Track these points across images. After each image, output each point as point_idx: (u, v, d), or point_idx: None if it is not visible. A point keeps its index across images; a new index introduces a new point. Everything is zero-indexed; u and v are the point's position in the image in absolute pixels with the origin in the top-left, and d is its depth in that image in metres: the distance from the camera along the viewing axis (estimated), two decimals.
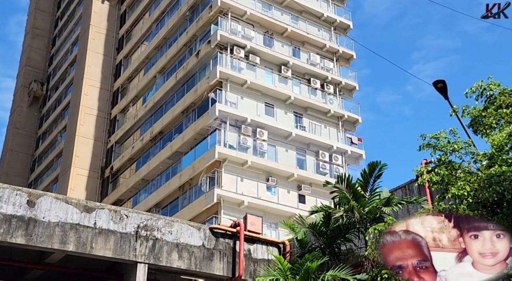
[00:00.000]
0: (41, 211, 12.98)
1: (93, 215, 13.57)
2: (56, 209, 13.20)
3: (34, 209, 12.94)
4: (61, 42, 47.20)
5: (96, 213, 13.67)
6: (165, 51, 33.18)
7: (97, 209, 13.76)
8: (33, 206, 12.97)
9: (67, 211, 13.31)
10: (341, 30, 32.85)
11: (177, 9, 32.91)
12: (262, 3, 30.60)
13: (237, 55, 28.26)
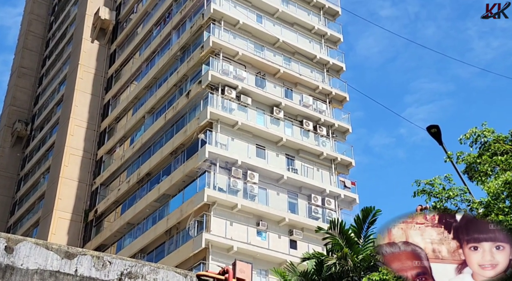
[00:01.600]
0: (19, 258, 12.67)
1: (75, 261, 13.27)
2: (35, 255, 12.90)
3: (12, 255, 12.63)
4: (48, 81, 47.49)
5: (77, 259, 13.38)
6: (155, 91, 33.45)
7: (78, 255, 13.47)
8: (11, 252, 12.67)
9: (47, 257, 13.01)
10: (334, 72, 33.41)
11: (168, 49, 33.41)
12: (255, 44, 31.18)
13: (228, 96, 28.53)
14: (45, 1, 53.82)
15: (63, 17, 48.96)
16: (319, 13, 34.98)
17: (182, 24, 33.03)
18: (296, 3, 34.22)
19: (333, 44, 34.46)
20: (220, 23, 30.25)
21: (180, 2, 34.08)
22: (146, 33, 36.88)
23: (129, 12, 40.49)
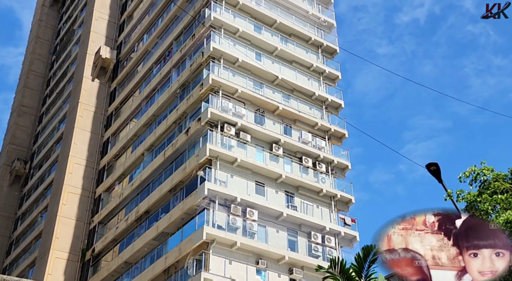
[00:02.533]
0: None
1: None
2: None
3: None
4: (48, 120, 47.95)
5: None
6: (154, 128, 33.78)
7: None
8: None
9: None
10: (332, 109, 33.82)
11: (167, 86, 33.94)
12: (254, 81, 31.69)
13: (227, 133, 28.80)
14: (47, 41, 54.92)
15: (64, 56, 49.88)
16: (317, 51, 35.71)
17: (182, 62, 33.68)
18: (294, 42, 34.98)
19: (332, 82, 35.03)
20: (219, 61, 30.85)
21: (180, 40, 34.85)
22: (146, 71, 37.54)
23: (130, 51, 41.33)
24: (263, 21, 34.33)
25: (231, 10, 33.30)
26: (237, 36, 32.46)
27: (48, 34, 55.32)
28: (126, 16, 44.34)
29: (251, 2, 34.27)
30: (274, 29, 34.51)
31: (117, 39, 43.79)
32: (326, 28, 36.90)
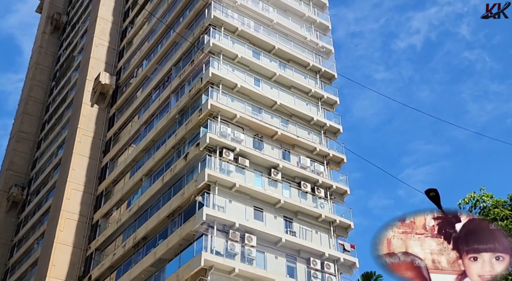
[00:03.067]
0: None
1: None
2: None
3: None
4: (47, 145, 48.09)
5: None
6: (153, 153, 33.90)
7: None
8: None
9: None
10: (331, 134, 34.02)
11: (166, 112, 34.20)
12: (252, 107, 31.96)
13: (226, 158, 28.90)
14: (47, 67, 55.49)
15: (64, 82, 50.35)
16: (315, 76, 36.11)
17: (181, 87, 34.02)
18: (293, 67, 35.40)
19: (330, 107, 35.32)
20: (218, 87, 31.17)
21: (179, 66, 35.27)
22: (145, 97, 37.87)
23: (129, 77, 41.77)
24: (262, 47, 34.81)
25: (230, 36, 33.80)
26: (236, 62, 32.88)
27: (48, 61, 55.92)
28: (125, 43, 44.95)
29: (249, 28, 34.81)
30: (272, 54, 34.97)
31: (116, 65, 44.29)
32: (324, 54, 37.41)
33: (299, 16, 38.24)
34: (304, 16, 38.33)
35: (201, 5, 34.97)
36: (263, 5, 36.84)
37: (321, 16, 39.46)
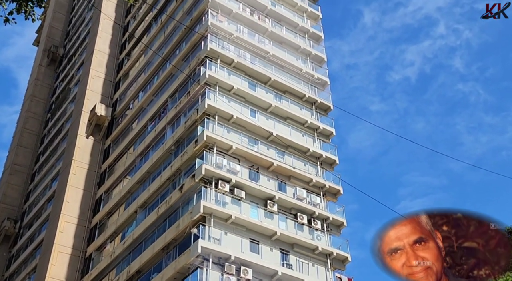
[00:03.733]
0: None
1: None
2: None
3: None
4: (41, 178, 47.96)
5: None
6: (148, 185, 33.86)
7: None
8: None
9: None
10: (327, 165, 34.13)
11: (162, 143, 34.33)
12: (248, 138, 32.14)
13: (222, 189, 28.88)
14: (43, 100, 55.83)
15: (59, 114, 50.59)
16: (311, 108, 36.46)
17: (177, 119, 34.26)
18: (289, 99, 35.78)
19: (326, 138, 35.55)
20: (214, 118, 31.41)
21: (175, 98, 35.60)
22: (141, 128, 38.06)
23: (125, 108, 42.05)
24: (258, 79, 35.25)
25: (226, 68, 34.26)
26: (232, 93, 33.23)
27: (44, 93, 56.32)
28: (122, 75, 45.42)
29: (246, 60, 35.31)
30: (268, 86, 35.38)
31: (112, 96, 44.64)
32: (320, 86, 37.88)
33: (294, 48, 38.87)
34: (299, 48, 38.96)
35: (198, 38, 35.55)
36: (259, 37, 37.47)
37: (316, 48, 40.12)
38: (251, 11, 38.43)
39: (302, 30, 40.42)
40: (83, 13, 58.15)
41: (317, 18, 42.08)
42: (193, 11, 38.05)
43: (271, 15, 39.33)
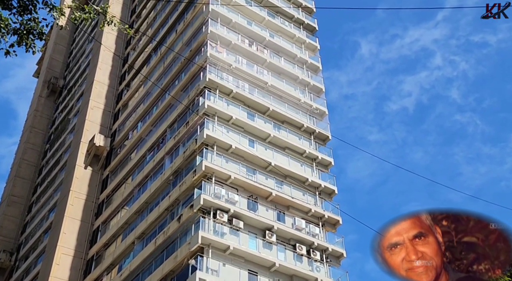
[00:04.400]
0: None
1: None
2: None
3: None
4: (38, 209, 47.91)
5: None
6: (146, 216, 33.85)
7: None
8: None
9: None
10: (326, 195, 34.20)
11: (160, 173, 34.47)
12: (247, 168, 32.30)
13: (220, 220, 28.88)
14: (42, 130, 56.25)
15: (58, 144, 50.89)
16: (310, 138, 36.75)
17: (176, 149, 34.49)
18: (287, 128, 36.11)
19: (325, 168, 35.71)
20: (213, 148, 31.64)
21: (174, 128, 35.93)
22: (139, 159, 38.26)
23: (124, 139, 42.35)
24: (256, 109, 35.64)
25: (224, 98, 34.69)
26: (231, 123, 33.56)
27: (43, 124, 56.78)
28: (121, 105, 45.90)
29: (244, 90, 35.78)
30: (267, 116, 35.75)
31: (111, 127, 45.00)
32: (318, 116, 38.26)
33: (293, 79, 39.43)
34: (298, 79, 39.52)
35: (197, 68, 36.12)
36: (258, 68, 38.06)
37: (314, 78, 40.69)
38: (250, 42, 39.14)
39: (301, 61, 41.08)
40: (83, 45, 59.14)
41: (315, 49, 42.81)
42: (192, 43, 38.76)
43: (270, 46, 40.03)
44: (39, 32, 10.54)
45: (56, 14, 10.63)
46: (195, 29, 39.28)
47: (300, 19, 43.69)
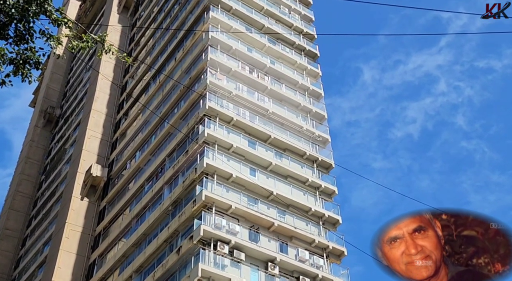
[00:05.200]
0: None
1: None
2: None
3: None
4: (32, 242, 47.72)
5: None
6: (144, 248, 33.72)
7: None
8: None
9: None
10: (330, 225, 34.11)
11: (159, 204, 34.48)
12: (248, 197, 32.32)
13: (221, 251, 28.77)
14: (37, 161, 56.42)
15: (54, 175, 50.97)
16: (312, 166, 36.85)
17: (175, 178, 34.58)
18: (289, 156, 36.24)
19: (328, 197, 35.70)
20: (213, 177, 31.73)
21: (173, 157, 36.09)
22: (137, 189, 38.31)
23: (122, 168, 42.46)
24: (257, 137, 35.85)
25: (225, 126, 34.94)
26: (231, 152, 33.73)
27: (39, 154, 57.00)
28: (119, 134, 46.17)
29: (245, 118, 36.06)
30: (268, 144, 35.94)
31: (109, 156, 45.17)
32: (321, 143, 38.44)
33: (294, 106, 39.75)
34: (299, 106, 39.84)
35: (196, 96, 36.49)
36: (259, 95, 38.42)
37: (316, 105, 41.01)
38: (251, 69, 39.61)
39: (302, 87, 41.47)
40: (81, 73, 59.85)
41: (316, 76, 43.27)
42: (192, 70, 39.25)
43: (271, 73, 40.49)
44: (36, 62, 10.63)
45: (54, 43, 10.71)
46: (194, 57, 39.81)
47: (301, 45, 44.29)
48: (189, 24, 43.02)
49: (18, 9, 10.22)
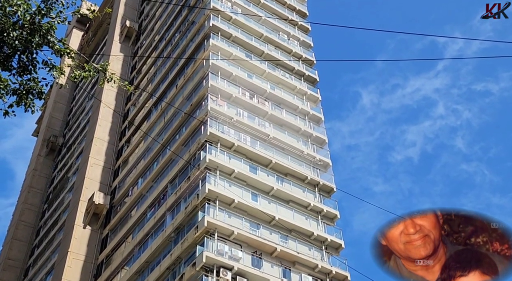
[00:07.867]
0: None
1: None
2: None
3: None
4: (35, 272, 47.60)
5: None
6: (147, 276, 33.66)
7: None
8: None
9: None
10: (332, 250, 34.06)
11: (162, 230, 34.52)
12: (250, 222, 32.38)
13: (223, 278, 28.74)
14: (40, 190, 56.62)
15: (56, 204, 51.12)
16: (314, 190, 36.96)
17: (177, 205, 34.70)
18: (291, 181, 36.39)
19: (330, 221, 35.73)
20: (215, 203, 31.85)
21: (175, 183, 36.26)
22: (140, 216, 38.39)
23: (124, 196, 42.61)
24: (259, 162, 36.07)
25: (226, 151, 35.21)
26: (233, 177, 33.91)
27: (42, 183, 57.22)
28: (121, 161, 46.43)
29: (246, 143, 36.35)
30: (269, 169, 36.13)
31: (111, 184, 45.36)
32: (322, 167, 38.63)
33: (295, 131, 40.07)
34: (300, 130, 40.16)
35: (197, 123, 36.85)
36: (259, 120, 38.78)
37: (317, 130, 41.32)
38: (251, 95, 40.06)
39: (302, 112, 41.85)
40: (83, 102, 60.46)
41: (316, 101, 43.69)
42: (193, 97, 39.71)
43: (271, 98, 40.92)
44: (39, 92, 10.72)
45: (56, 73, 10.81)
46: (195, 83, 40.33)
47: (300, 71, 44.83)
48: (190, 51, 43.67)
49: (22, 40, 10.39)
